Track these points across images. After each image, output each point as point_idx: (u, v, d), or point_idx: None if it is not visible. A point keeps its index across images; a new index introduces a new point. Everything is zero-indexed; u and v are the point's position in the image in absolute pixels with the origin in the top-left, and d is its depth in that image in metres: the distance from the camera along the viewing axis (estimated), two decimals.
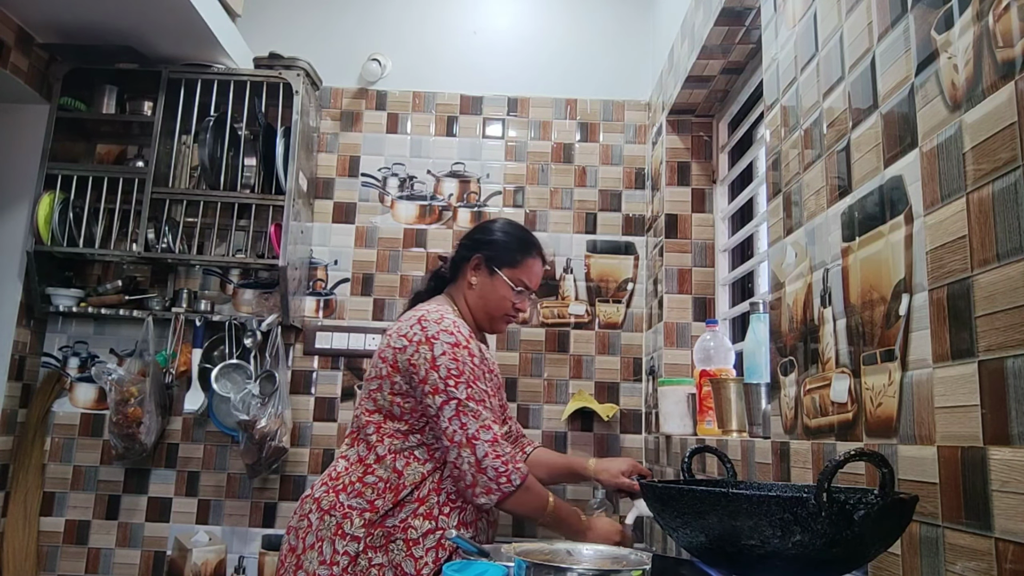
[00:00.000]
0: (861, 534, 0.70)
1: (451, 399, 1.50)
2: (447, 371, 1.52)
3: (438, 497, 1.52)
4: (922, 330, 0.89)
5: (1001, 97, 0.76)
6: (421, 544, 1.47)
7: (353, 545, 1.46)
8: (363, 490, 1.51)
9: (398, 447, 1.54)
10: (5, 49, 2.27)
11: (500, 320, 1.73)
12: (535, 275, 1.75)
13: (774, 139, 1.42)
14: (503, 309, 1.71)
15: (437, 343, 1.54)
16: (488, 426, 1.50)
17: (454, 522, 1.52)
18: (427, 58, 2.78)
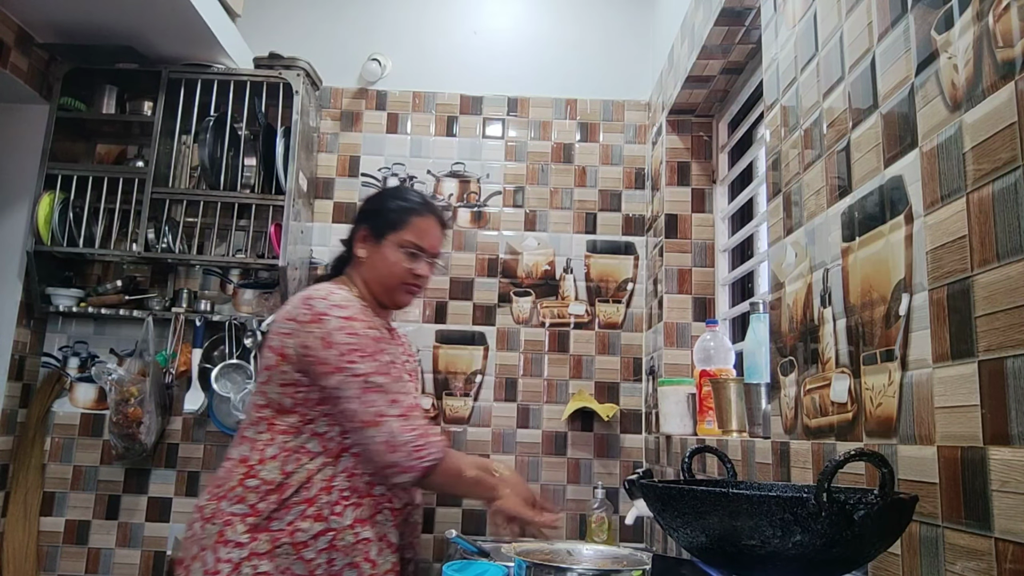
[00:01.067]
0: (861, 534, 0.70)
1: (353, 376, 1.37)
2: (345, 347, 1.38)
3: (328, 496, 1.38)
4: (922, 330, 0.89)
5: (1001, 97, 0.76)
6: (311, 547, 1.35)
7: (236, 552, 1.34)
8: (244, 495, 1.38)
9: (290, 444, 1.41)
10: (5, 49, 2.27)
11: (398, 291, 1.57)
12: (427, 235, 1.58)
13: (774, 139, 1.42)
14: (397, 277, 1.55)
15: (328, 319, 1.40)
16: (396, 399, 1.38)
17: (348, 521, 1.38)
18: (427, 58, 2.78)
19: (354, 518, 1.39)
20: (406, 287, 1.57)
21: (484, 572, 1.39)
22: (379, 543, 1.41)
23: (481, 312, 2.60)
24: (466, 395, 2.55)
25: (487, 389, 2.56)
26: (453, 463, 1.44)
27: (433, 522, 2.46)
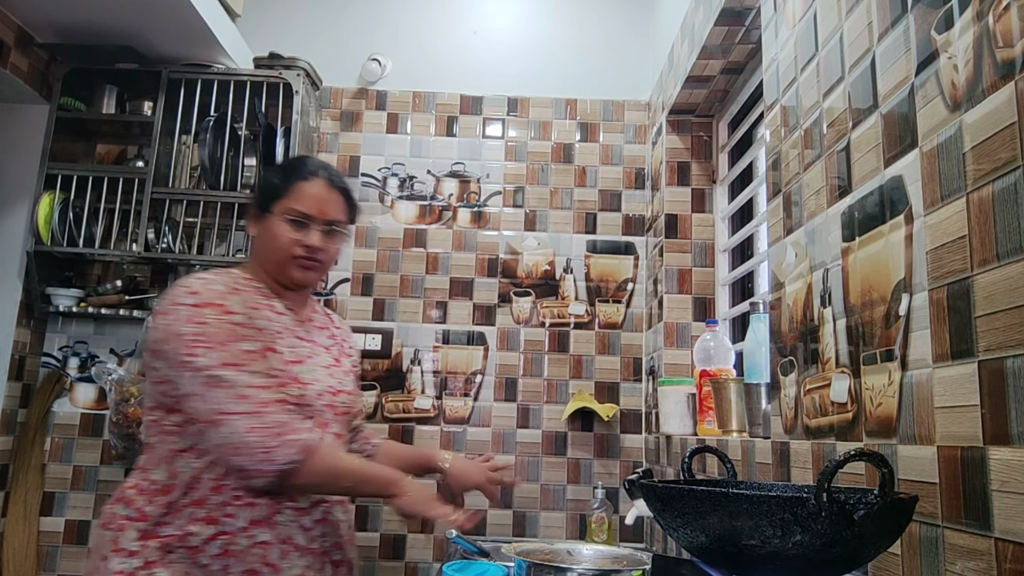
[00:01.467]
0: (861, 534, 0.70)
1: (194, 370, 1.22)
2: (190, 339, 1.24)
3: (219, 496, 1.25)
4: (922, 330, 0.89)
5: (1001, 97, 0.76)
6: (205, 551, 1.23)
7: (129, 561, 1.23)
8: (135, 498, 1.27)
9: (177, 444, 1.29)
10: (5, 49, 2.27)
11: (290, 265, 1.37)
12: (311, 198, 1.38)
13: (774, 139, 1.42)
14: (284, 250, 1.36)
15: (176, 308, 1.26)
16: (244, 395, 1.22)
17: (241, 523, 1.25)
18: (427, 58, 2.78)
19: (249, 519, 1.25)
20: (297, 261, 1.36)
21: (484, 572, 1.39)
22: (281, 546, 1.27)
23: (481, 312, 2.60)
24: (466, 395, 2.55)
25: (487, 389, 2.56)
26: (323, 464, 1.26)
27: (433, 522, 2.46)
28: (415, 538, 2.46)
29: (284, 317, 1.38)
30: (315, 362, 1.38)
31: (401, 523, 1.46)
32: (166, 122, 2.43)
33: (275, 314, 1.36)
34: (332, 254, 1.42)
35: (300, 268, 1.38)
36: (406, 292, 2.61)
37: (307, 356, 1.37)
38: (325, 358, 1.42)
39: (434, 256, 2.64)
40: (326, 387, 1.37)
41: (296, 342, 1.37)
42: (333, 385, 1.39)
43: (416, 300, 2.61)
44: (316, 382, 1.35)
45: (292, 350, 1.35)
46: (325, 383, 1.37)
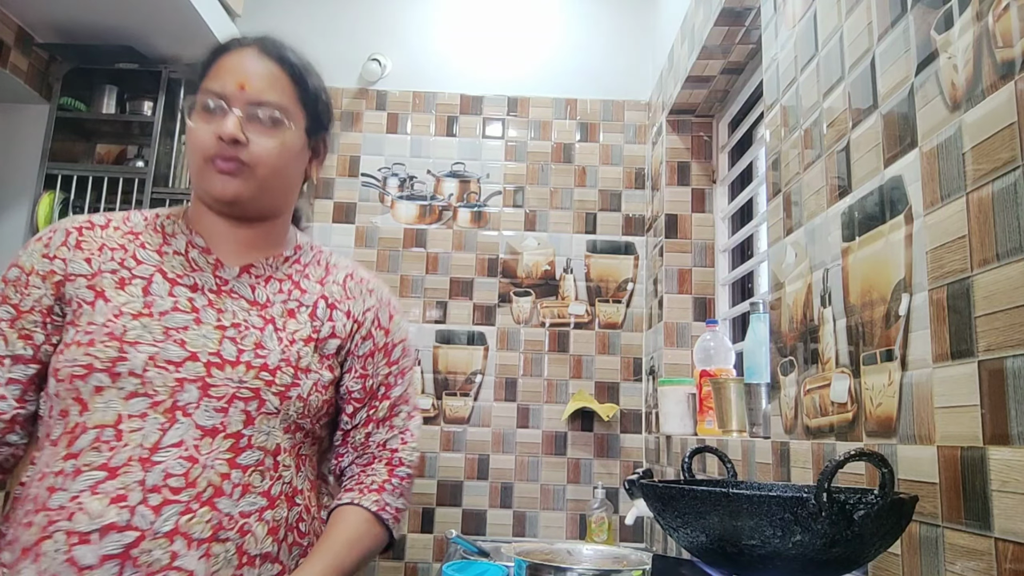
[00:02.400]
0: (861, 534, 0.70)
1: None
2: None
3: (5, 507, 0.96)
4: (922, 330, 0.89)
5: (1001, 97, 0.76)
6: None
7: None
8: None
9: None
10: (5, 49, 2.27)
11: (205, 174, 0.95)
12: (229, 72, 0.96)
13: (774, 139, 1.42)
14: (197, 153, 0.95)
15: None
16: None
17: (15, 552, 0.87)
18: (427, 58, 2.78)
19: (21, 547, 0.85)
20: (211, 164, 0.94)
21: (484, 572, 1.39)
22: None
23: (481, 312, 2.60)
24: (466, 395, 2.55)
25: (487, 389, 2.56)
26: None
27: (433, 522, 2.46)
28: (415, 538, 2.46)
29: (175, 259, 0.98)
30: (193, 319, 0.94)
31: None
32: (166, 122, 2.43)
33: (154, 253, 0.98)
34: (266, 156, 0.95)
35: (217, 174, 0.94)
36: (406, 292, 2.61)
37: (176, 310, 0.93)
38: (227, 318, 0.96)
39: (434, 256, 2.64)
40: (191, 353, 0.91)
41: (174, 290, 0.95)
42: (221, 352, 0.92)
43: (416, 300, 2.61)
44: (159, 344, 0.90)
45: (147, 299, 0.93)
46: (196, 346, 0.91)
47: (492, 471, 2.50)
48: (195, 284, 0.97)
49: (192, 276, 0.98)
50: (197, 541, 0.84)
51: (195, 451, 0.87)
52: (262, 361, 0.94)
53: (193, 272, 0.98)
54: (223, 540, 0.86)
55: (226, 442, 0.89)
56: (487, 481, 2.49)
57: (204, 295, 0.97)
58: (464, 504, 2.48)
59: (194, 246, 1.00)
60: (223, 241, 1.01)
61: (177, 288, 0.96)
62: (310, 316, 1.01)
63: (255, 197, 0.97)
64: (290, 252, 1.07)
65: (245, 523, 0.88)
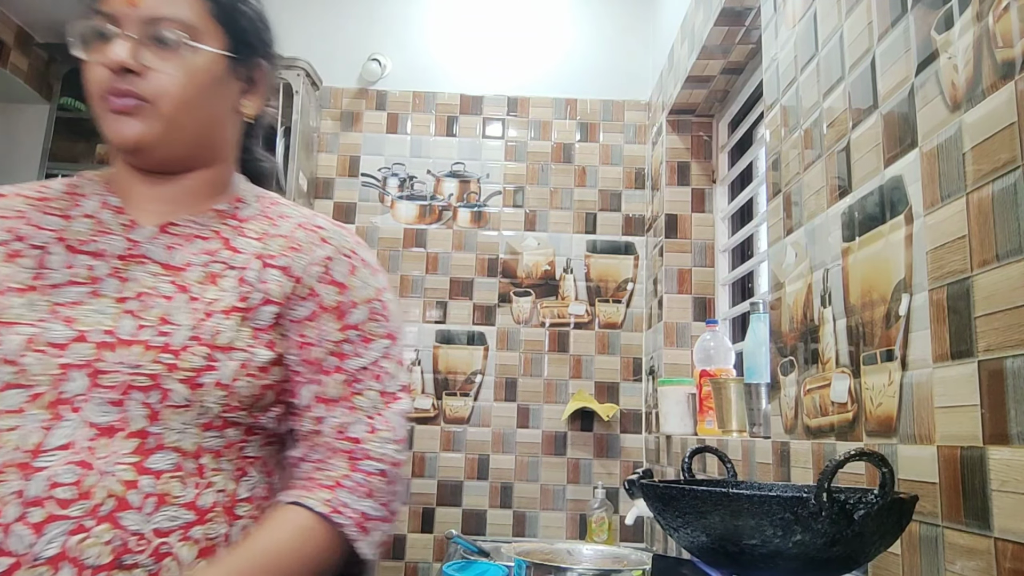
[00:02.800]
0: (861, 534, 0.70)
1: None
2: None
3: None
4: (922, 330, 0.89)
5: (1001, 97, 0.76)
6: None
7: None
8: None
9: None
10: (5, 49, 2.27)
11: (102, 109, 0.78)
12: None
13: (774, 139, 1.42)
14: (90, 85, 0.78)
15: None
16: None
17: None
18: (427, 58, 2.78)
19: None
20: (105, 103, 0.77)
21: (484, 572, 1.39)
22: None
23: (481, 312, 2.60)
24: (466, 395, 2.55)
25: (487, 389, 2.56)
26: None
27: (433, 522, 2.46)
28: (415, 538, 2.46)
29: (83, 223, 0.81)
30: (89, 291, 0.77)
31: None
32: None
33: (59, 218, 0.81)
34: (167, 82, 0.77)
35: (112, 116, 0.77)
36: (406, 292, 2.61)
37: (72, 283, 0.77)
38: (146, 285, 0.78)
39: (434, 256, 2.64)
40: (79, 332, 0.73)
41: (74, 259, 0.78)
42: (116, 330, 0.74)
43: (416, 300, 2.61)
44: (41, 323, 0.73)
45: (37, 271, 0.77)
46: (87, 324, 0.73)
47: (492, 471, 2.50)
48: (100, 250, 0.79)
49: (98, 241, 0.79)
50: (92, 569, 0.66)
51: (89, 454, 0.69)
52: (164, 340, 0.74)
53: (100, 235, 0.80)
54: (128, 567, 0.67)
55: (129, 443, 0.70)
56: (487, 481, 2.49)
57: (107, 262, 0.79)
58: (464, 504, 2.48)
59: (107, 206, 0.82)
60: (143, 200, 0.83)
61: (78, 256, 0.78)
62: (239, 281, 0.80)
63: (164, 139, 0.78)
64: (225, 206, 0.86)
65: (163, 543, 0.69)
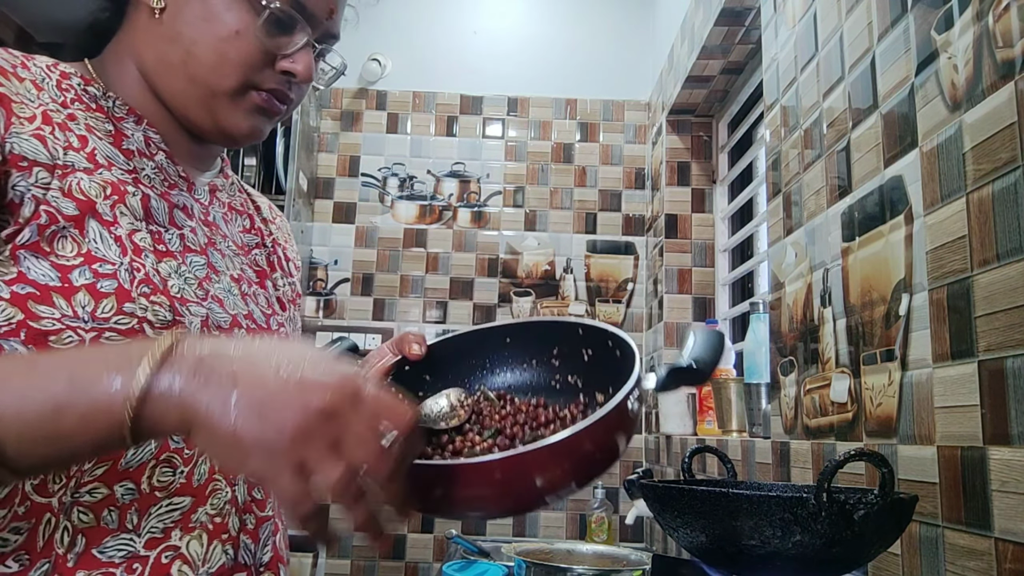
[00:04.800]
0: (861, 534, 0.70)
1: None
2: None
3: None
4: (922, 330, 0.89)
5: (1001, 97, 0.76)
6: None
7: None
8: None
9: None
10: None
11: (235, 98, 0.67)
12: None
13: (774, 139, 1.42)
14: (241, 65, 0.65)
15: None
16: None
17: None
18: (427, 58, 2.78)
19: None
20: (248, 95, 0.67)
21: (484, 572, 1.39)
22: None
23: (481, 312, 2.60)
24: None
25: None
26: None
27: (433, 522, 2.46)
28: (415, 538, 2.46)
29: (143, 162, 0.66)
30: (204, 263, 0.68)
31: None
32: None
33: (116, 149, 0.64)
34: (304, 95, 0.73)
35: (253, 111, 0.68)
36: (406, 292, 2.61)
37: (188, 250, 0.66)
38: (230, 264, 0.72)
39: (434, 256, 2.64)
40: (232, 316, 0.67)
41: (174, 215, 0.67)
42: (253, 315, 0.71)
43: (416, 300, 2.61)
44: (206, 302, 0.65)
45: (150, 227, 0.63)
46: (233, 309, 0.68)
47: None
48: (185, 206, 0.69)
49: (173, 195, 0.68)
50: (287, 564, 0.72)
51: None
52: (284, 330, 0.75)
53: (171, 189, 0.68)
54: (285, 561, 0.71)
55: None
56: None
57: (200, 227, 0.69)
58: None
59: (155, 147, 0.68)
60: (176, 143, 0.70)
61: (175, 212, 0.67)
62: (279, 266, 0.81)
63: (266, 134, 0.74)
64: (224, 170, 0.80)
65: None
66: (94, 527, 0.56)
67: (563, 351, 0.72)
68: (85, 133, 0.62)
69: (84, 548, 0.55)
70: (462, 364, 0.73)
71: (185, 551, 0.58)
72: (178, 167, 0.70)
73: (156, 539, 0.57)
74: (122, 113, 0.67)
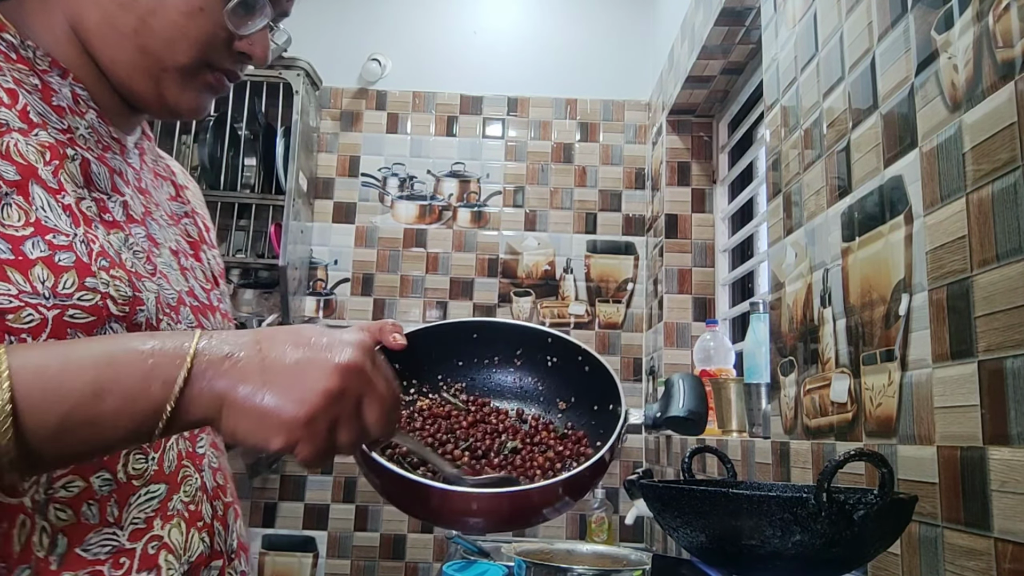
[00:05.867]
0: (861, 534, 0.70)
1: None
2: None
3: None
4: (922, 330, 0.89)
5: (1001, 97, 0.76)
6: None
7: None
8: None
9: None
10: None
11: (191, 72, 0.64)
12: None
13: (774, 139, 1.42)
14: (199, 43, 0.62)
15: None
16: None
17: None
18: (427, 58, 2.78)
19: None
20: (202, 73, 0.65)
21: (484, 572, 1.39)
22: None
23: (481, 312, 2.60)
24: None
25: None
26: None
27: None
28: (415, 538, 2.46)
29: (76, 121, 0.62)
30: (145, 235, 0.65)
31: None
32: (166, 122, 2.43)
33: (47, 106, 0.60)
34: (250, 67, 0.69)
35: (204, 89, 0.66)
36: (406, 292, 2.61)
37: (130, 219, 0.64)
38: (167, 236, 0.69)
39: (434, 256, 2.64)
40: (177, 293, 0.65)
41: (115, 181, 0.64)
42: (194, 291, 0.68)
43: (416, 300, 2.61)
44: (155, 277, 0.63)
45: (93, 195, 0.60)
46: (177, 284, 0.66)
47: None
48: (120, 171, 0.65)
49: (108, 157, 0.64)
50: (248, 551, 0.72)
51: (214, 434, 0.68)
52: (223, 307, 0.72)
53: (106, 152, 0.64)
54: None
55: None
56: None
57: (136, 194, 0.66)
58: None
59: (84, 104, 0.63)
60: (104, 102, 0.65)
61: (115, 178, 0.64)
62: (203, 238, 0.77)
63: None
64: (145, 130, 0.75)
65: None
66: (74, 524, 0.52)
67: (527, 354, 0.79)
68: (13, 87, 0.57)
69: (67, 548, 0.52)
70: (431, 355, 0.76)
71: (168, 540, 0.57)
72: (110, 128, 0.65)
73: (140, 530, 0.56)
74: (45, 65, 0.61)
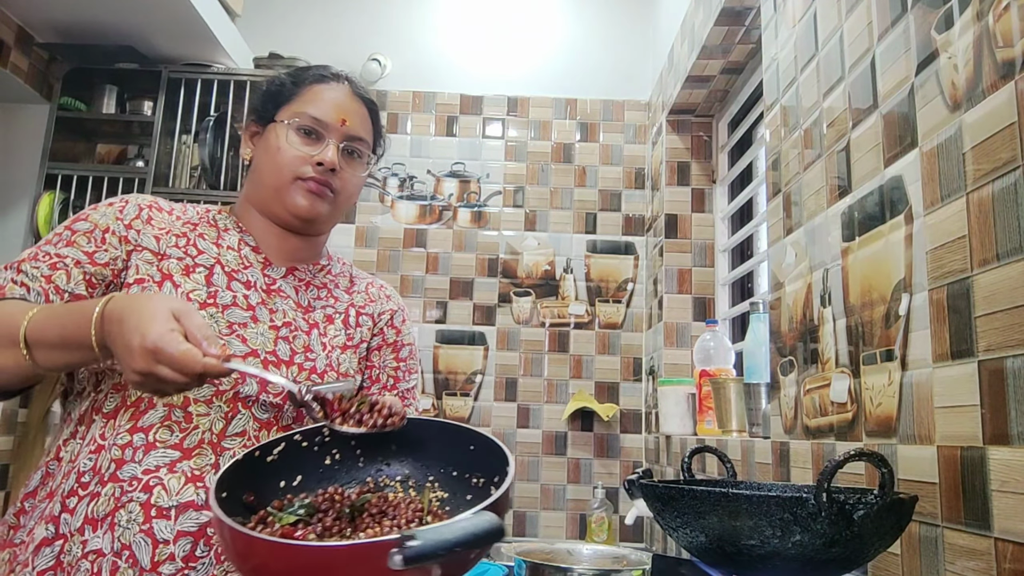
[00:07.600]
0: (861, 534, 0.70)
1: None
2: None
3: (67, 482, 0.89)
4: (922, 330, 0.89)
5: (1001, 97, 0.76)
6: (34, 566, 0.85)
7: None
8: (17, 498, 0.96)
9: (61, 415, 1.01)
10: (5, 49, 2.27)
11: (291, 189, 1.01)
12: (329, 103, 1.04)
13: (774, 139, 1.42)
14: (288, 168, 1.01)
15: None
16: (20, 259, 0.94)
17: (78, 522, 0.86)
18: (427, 58, 2.78)
19: (84, 516, 0.86)
20: (302, 182, 1.01)
21: (484, 572, 1.39)
22: (115, 559, 0.84)
23: (481, 312, 2.60)
24: (466, 395, 2.55)
25: (487, 389, 2.56)
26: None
27: None
28: None
29: (229, 254, 1.02)
30: (250, 316, 0.98)
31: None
32: (166, 122, 2.43)
33: (212, 245, 1.02)
34: (349, 186, 1.06)
35: (306, 193, 1.01)
36: (406, 292, 2.61)
37: (235, 305, 0.98)
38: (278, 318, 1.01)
39: (434, 256, 2.64)
40: (251, 350, 0.96)
41: (232, 284, 1.00)
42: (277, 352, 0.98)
43: (416, 300, 2.61)
44: (225, 337, 0.95)
45: (209, 289, 0.97)
46: (255, 345, 0.97)
47: None
48: (248, 281, 1.02)
49: (245, 273, 1.02)
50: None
51: (255, 441, 0.93)
52: (312, 364, 1.01)
53: (246, 269, 1.03)
54: None
55: (278, 435, 0.91)
56: None
57: (257, 292, 1.02)
58: None
59: (246, 244, 1.05)
60: (272, 246, 1.06)
61: (234, 283, 1.00)
62: (343, 323, 1.09)
63: (329, 219, 1.07)
64: (324, 262, 1.13)
65: None
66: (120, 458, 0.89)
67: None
68: (196, 238, 1.01)
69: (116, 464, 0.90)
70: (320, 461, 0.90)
71: (166, 484, 0.88)
72: (259, 254, 1.05)
73: (149, 469, 0.88)
74: (231, 226, 1.06)
